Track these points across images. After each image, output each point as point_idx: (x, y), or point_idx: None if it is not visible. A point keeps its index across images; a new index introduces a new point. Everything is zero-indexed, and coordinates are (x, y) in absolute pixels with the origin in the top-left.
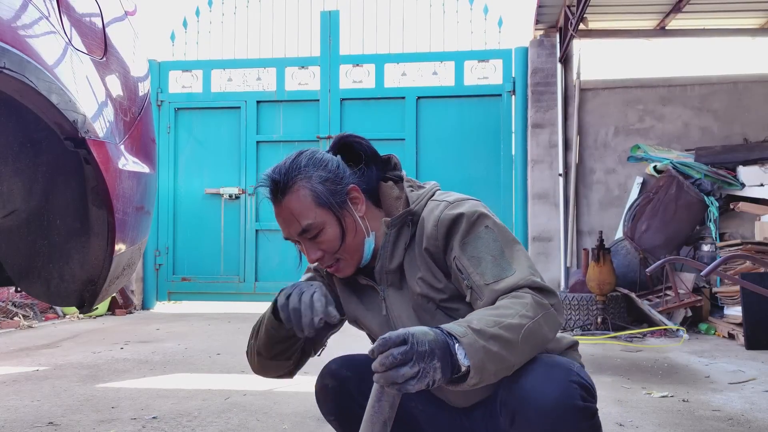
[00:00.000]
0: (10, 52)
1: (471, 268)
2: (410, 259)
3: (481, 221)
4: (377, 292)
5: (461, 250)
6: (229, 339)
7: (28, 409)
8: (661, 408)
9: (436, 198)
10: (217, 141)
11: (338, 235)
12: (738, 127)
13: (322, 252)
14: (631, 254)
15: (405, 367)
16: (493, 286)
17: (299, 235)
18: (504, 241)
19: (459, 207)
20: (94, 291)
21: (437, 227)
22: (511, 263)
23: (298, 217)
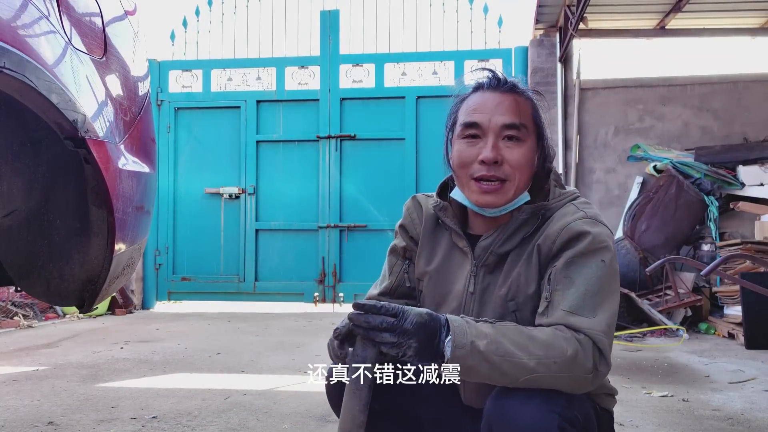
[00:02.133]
0: (10, 51)
1: (560, 285)
2: (520, 252)
3: (601, 253)
4: (467, 260)
5: (565, 265)
6: (229, 339)
7: (28, 408)
8: (661, 407)
9: (576, 204)
10: (217, 141)
11: (530, 157)
12: (738, 127)
13: (502, 159)
14: (631, 254)
15: (386, 333)
16: (566, 317)
17: (502, 127)
18: (606, 284)
19: (593, 226)
20: (94, 291)
21: (561, 232)
22: (596, 308)
23: (518, 112)
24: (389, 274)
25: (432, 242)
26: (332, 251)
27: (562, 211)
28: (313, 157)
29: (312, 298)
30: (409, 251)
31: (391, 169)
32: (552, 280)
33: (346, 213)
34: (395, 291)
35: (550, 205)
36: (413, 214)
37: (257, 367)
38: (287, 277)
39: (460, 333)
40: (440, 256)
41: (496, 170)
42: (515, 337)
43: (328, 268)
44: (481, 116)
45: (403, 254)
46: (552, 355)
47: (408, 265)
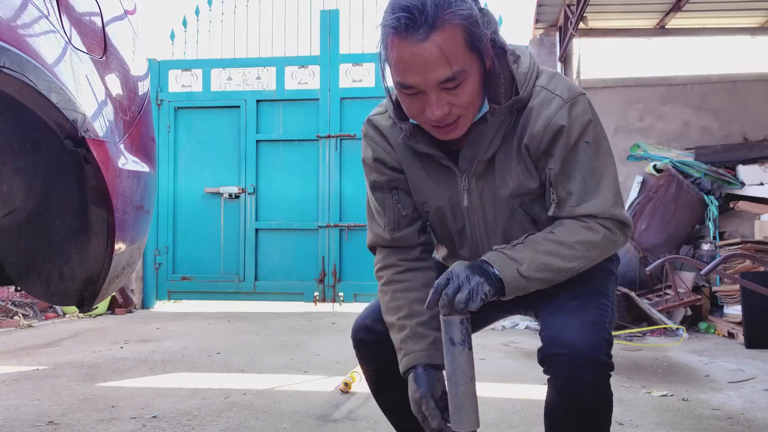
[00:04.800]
0: (10, 51)
1: (560, 183)
2: (506, 150)
3: (585, 134)
4: (456, 177)
5: (558, 162)
6: (229, 338)
7: (28, 408)
8: (661, 407)
9: (545, 85)
10: (217, 140)
11: (479, 87)
12: (738, 126)
13: (450, 107)
14: (631, 253)
15: (458, 295)
16: (576, 210)
17: (439, 84)
18: (598, 161)
19: (573, 110)
20: (93, 290)
21: (545, 131)
22: (598, 187)
23: (450, 60)
24: (383, 211)
25: (416, 167)
26: (332, 251)
27: (536, 101)
28: (312, 157)
29: (312, 298)
30: (394, 181)
31: None
32: (553, 182)
33: (346, 212)
34: (399, 225)
35: (522, 98)
36: (380, 143)
37: (257, 366)
38: (287, 276)
39: (504, 267)
40: (432, 176)
41: (448, 118)
42: (548, 248)
43: (328, 268)
44: (413, 78)
45: (389, 186)
46: (582, 249)
47: (398, 195)
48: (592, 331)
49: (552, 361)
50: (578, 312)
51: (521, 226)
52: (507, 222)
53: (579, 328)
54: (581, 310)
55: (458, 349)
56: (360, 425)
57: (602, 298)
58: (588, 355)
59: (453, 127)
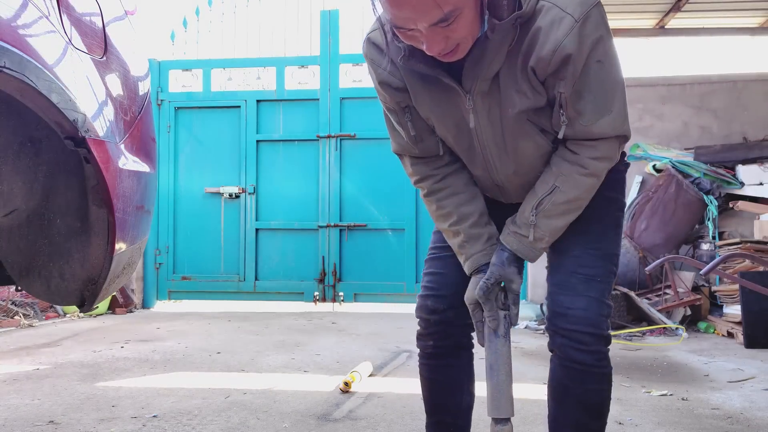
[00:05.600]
0: (11, 51)
1: (570, 102)
2: (510, 67)
3: (596, 52)
4: (460, 96)
5: (569, 85)
6: (229, 338)
7: (29, 407)
8: (661, 406)
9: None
10: (217, 140)
11: (476, 15)
12: (737, 126)
13: (447, 40)
14: (631, 253)
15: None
16: (588, 129)
17: (432, 25)
18: (609, 79)
19: (583, 30)
20: (94, 290)
21: (554, 55)
22: (609, 104)
23: (439, 3)
24: (401, 128)
25: (418, 86)
26: (332, 250)
27: (545, 20)
28: (313, 157)
29: (312, 298)
30: (403, 101)
31: (391, 169)
32: (563, 104)
33: (346, 212)
34: (419, 138)
35: (523, 12)
36: (382, 63)
37: (257, 366)
38: (287, 276)
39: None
40: (436, 97)
41: (446, 48)
42: (558, 210)
43: (328, 268)
44: (404, 21)
45: (399, 107)
46: (589, 193)
47: (411, 113)
48: (597, 308)
49: (558, 335)
50: (584, 288)
51: (532, 140)
52: (517, 137)
53: (585, 308)
54: (587, 286)
55: (501, 341)
56: (360, 425)
57: (607, 261)
58: (591, 332)
59: (453, 53)
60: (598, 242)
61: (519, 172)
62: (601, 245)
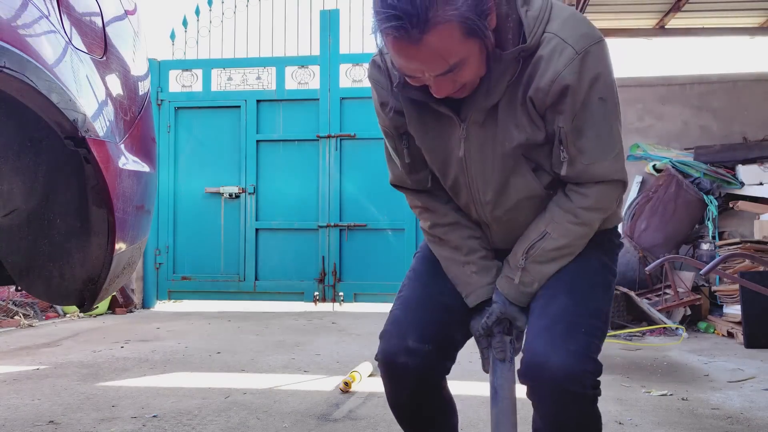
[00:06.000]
0: (11, 51)
1: (571, 140)
2: (511, 100)
3: (596, 89)
4: (455, 126)
5: (569, 119)
6: (229, 338)
7: (29, 407)
8: (661, 406)
9: (557, 32)
10: (217, 140)
11: (480, 62)
12: (737, 126)
13: (454, 84)
14: (631, 253)
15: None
16: (589, 170)
17: (438, 75)
18: (611, 117)
19: (584, 63)
20: (94, 290)
21: (553, 84)
22: (611, 143)
23: (444, 57)
24: (397, 156)
25: (415, 111)
26: (332, 250)
27: (546, 50)
28: (313, 157)
29: (312, 298)
30: (401, 126)
31: None
32: (563, 140)
33: (346, 212)
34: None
35: (529, 46)
36: (384, 84)
37: (257, 366)
38: (287, 276)
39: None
40: (429, 124)
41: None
42: (547, 257)
43: (328, 268)
44: (411, 71)
45: (397, 132)
46: (581, 242)
47: (408, 141)
48: (579, 364)
49: (535, 389)
50: (565, 339)
51: (523, 177)
52: (508, 173)
53: (564, 362)
54: (569, 337)
55: (506, 366)
56: (360, 424)
57: (594, 316)
58: (573, 391)
59: (459, 93)
60: (588, 296)
61: (504, 210)
62: (591, 300)
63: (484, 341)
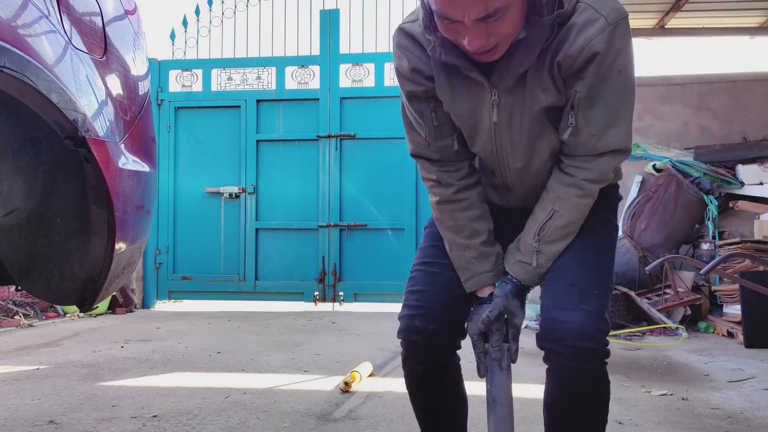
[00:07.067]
0: (10, 51)
1: (582, 108)
2: (539, 64)
3: (619, 61)
4: (485, 92)
5: (587, 86)
6: (229, 337)
7: (29, 407)
8: (661, 406)
9: (589, 2)
10: (217, 140)
11: (520, 17)
12: (737, 126)
13: (489, 37)
14: (631, 253)
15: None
16: (595, 141)
17: (476, 20)
18: (625, 90)
19: (614, 34)
20: (94, 290)
21: (582, 52)
22: (619, 117)
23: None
24: (422, 121)
25: (445, 76)
26: (332, 250)
27: (580, 18)
28: (313, 157)
29: (312, 297)
30: (431, 90)
31: (391, 169)
32: (575, 105)
33: (346, 212)
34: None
35: (565, 11)
36: (416, 51)
37: (257, 366)
38: (287, 276)
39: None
40: (458, 90)
41: (486, 46)
42: (560, 234)
43: (328, 267)
44: (451, 11)
45: (426, 96)
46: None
47: (435, 104)
48: (594, 323)
49: (553, 352)
50: (580, 301)
51: (548, 139)
52: (535, 136)
53: (581, 321)
54: (583, 299)
55: (505, 373)
56: (360, 424)
57: (602, 277)
58: (589, 347)
59: (490, 53)
60: (596, 259)
61: (530, 172)
62: (599, 262)
63: (481, 345)
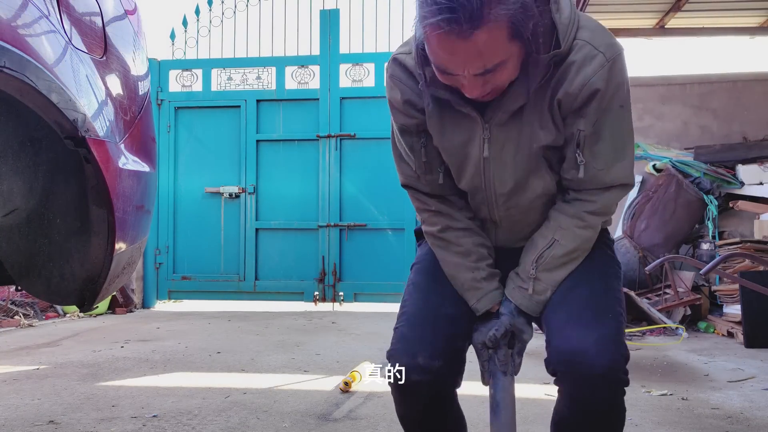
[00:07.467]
0: (10, 51)
1: (588, 144)
2: (537, 102)
3: (619, 96)
4: (477, 127)
5: (590, 123)
6: (229, 337)
7: (29, 407)
8: (661, 406)
9: (588, 40)
10: (217, 140)
11: (516, 67)
12: (737, 126)
13: (486, 85)
14: (631, 253)
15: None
16: (602, 175)
17: (474, 75)
18: (627, 123)
19: (612, 70)
20: (94, 290)
21: (582, 90)
22: (625, 150)
23: (488, 56)
24: (413, 155)
25: (437, 109)
26: (332, 250)
27: (578, 56)
28: (313, 157)
29: (312, 297)
30: (422, 124)
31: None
32: (581, 143)
33: (346, 212)
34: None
35: (561, 51)
36: (409, 83)
37: (257, 365)
38: (287, 276)
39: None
40: (449, 124)
41: (484, 92)
42: (557, 263)
43: (328, 267)
44: (449, 67)
45: (417, 130)
46: (588, 246)
47: (425, 139)
48: (613, 347)
49: (567, 377)
50: (596, 324)
51: (542, 178)
52: (528, 173)
53: (597, 344)
54: (598, 322)
55: (508, 379)
56: (360, 424)
57: (615, 302)
58: (607, 375)
59: (487, 96)
60: (606, 286)
61: (519, 208)
62: (610, 289)
63: (486, 353)
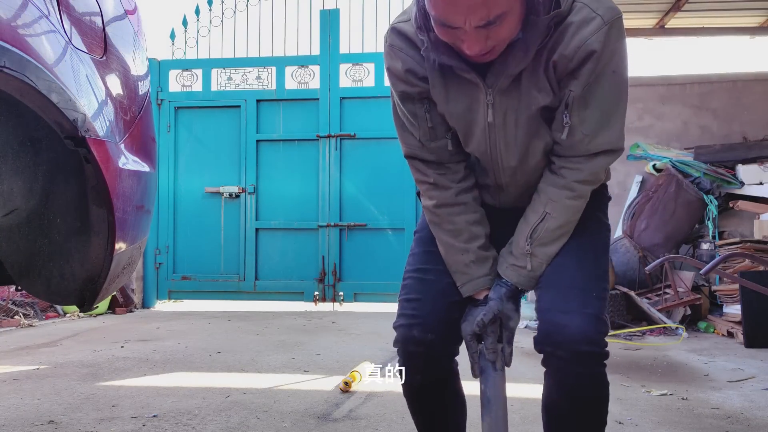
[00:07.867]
0: (10, 51)
1: (576, 107)
2: (535, 64)
3: (614, 62)
4: (480, 93)
5: (581, 85)
6: (229, 337)
7: (29, 407)
8: (661, 406)
9: (585, 1)
10: (217, 140)
11: (518, 21)
12: (737, 126)
13: (487, 41)
14: (631, 252)
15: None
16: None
17: (477, 27)
18: (618, 90)
19: (609, 33)
20: (94, 290)
21: (578, 51)
22: (612, 118)
23: (490, 6)
24: (417, 122)
25: (439, 77)
26: (332, 250)
27: (576, 18)
28: (313, 157)
29: (312, 297)
30: (425, 91)
31: (391, 169)
32: (569, 104)
33: (346, 212)
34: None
35: (562, 11)
36: (409, 52)
37: (257, 365)
38: (287, 276)
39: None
40: (453, 90)
41: (485, 49)
42: (552, 236)
43: (328, 267)
44: (450, 18)
45: (419, 97)
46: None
47: (429, 105)
48: (594, 326)
49: (552, 356)
50: (579, 304)
51: (543, 139)
52: (529, 136)
53: (580, 324)
54: (581, 302)
55: (499, 374)
56: (360, 424)
57: (601, 278)
58: (589, 351)
59: (488, 55)
60: (592, 260)
61: (524, 171)
62: (596, 264)
63: (475, 345)
